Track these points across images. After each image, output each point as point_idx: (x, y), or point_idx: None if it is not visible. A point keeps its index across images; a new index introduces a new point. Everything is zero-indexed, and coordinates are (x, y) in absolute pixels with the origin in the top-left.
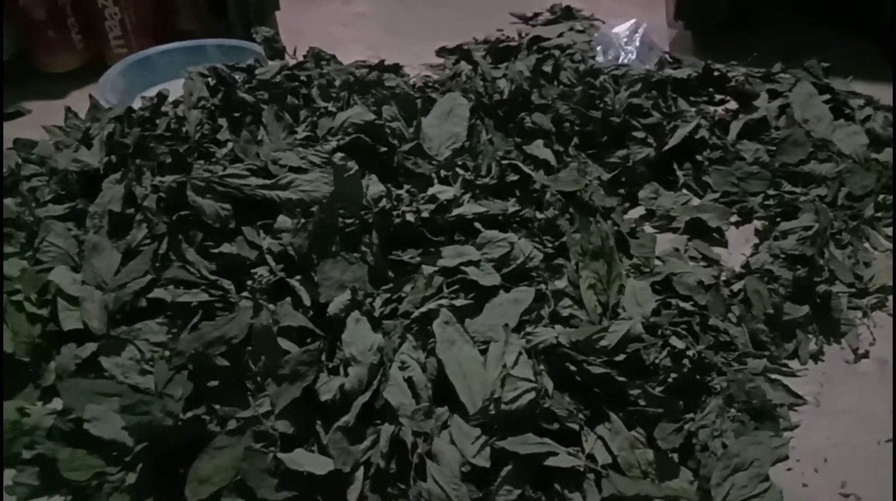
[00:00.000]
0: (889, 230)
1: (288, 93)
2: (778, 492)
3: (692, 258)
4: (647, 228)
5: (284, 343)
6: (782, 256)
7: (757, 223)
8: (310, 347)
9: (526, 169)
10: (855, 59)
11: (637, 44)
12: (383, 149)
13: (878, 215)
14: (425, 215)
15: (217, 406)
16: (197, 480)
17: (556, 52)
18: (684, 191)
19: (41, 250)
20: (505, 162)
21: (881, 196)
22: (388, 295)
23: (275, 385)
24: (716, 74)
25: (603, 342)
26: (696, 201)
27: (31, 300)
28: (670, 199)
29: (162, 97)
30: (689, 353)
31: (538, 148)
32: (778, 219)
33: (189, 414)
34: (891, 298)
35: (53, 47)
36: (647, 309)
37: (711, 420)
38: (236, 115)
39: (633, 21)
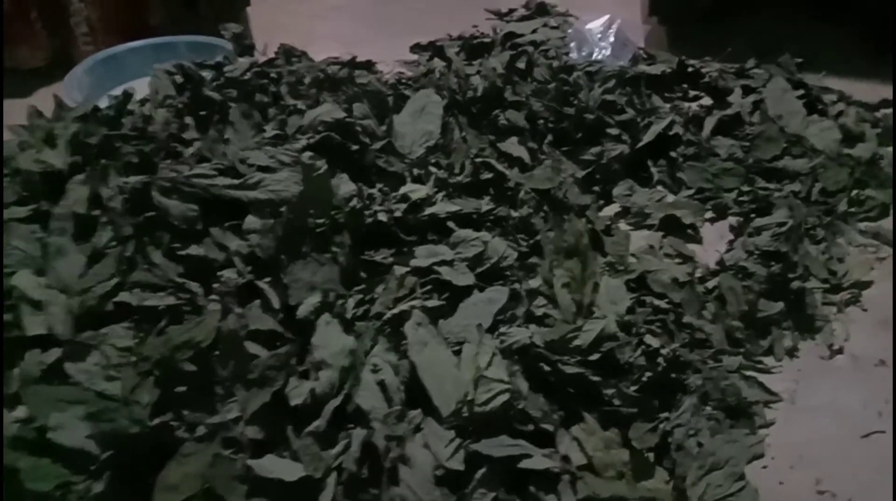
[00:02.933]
0: (862, 226)
1: (257, 90)
2: (754, 491)
3: (667, 256)
4: (622, 225)
5: (253, 347)
6: (757, 252)
7: (731, 220)
8: (279, 351)
9: (500, 167)
10: (831, 50)
11: (611, 40)
12: (354, 147)
13: (852, 210)
14: (398, 214)
15: (185, 412)
16: (165, 488)
17: (530, 49)
18: (659, 188)
19: (4, 253)
20: (478, 160)
21: (854, 191)
22: (359, 296)
23: (244, 390)
24: (690, 69)
25: (577, 342)
26: (670, 198)
27: None
28: (645, 196)
29: (127, 96)
30: (664, 351)
31: (512, 145)
32: (752, 215)
33: (156, 421)
34: (864, 293)
35: (17, 43)
36: (622, 307)
37: (687, 419)
38: (203, 113)
39: (607, 17)
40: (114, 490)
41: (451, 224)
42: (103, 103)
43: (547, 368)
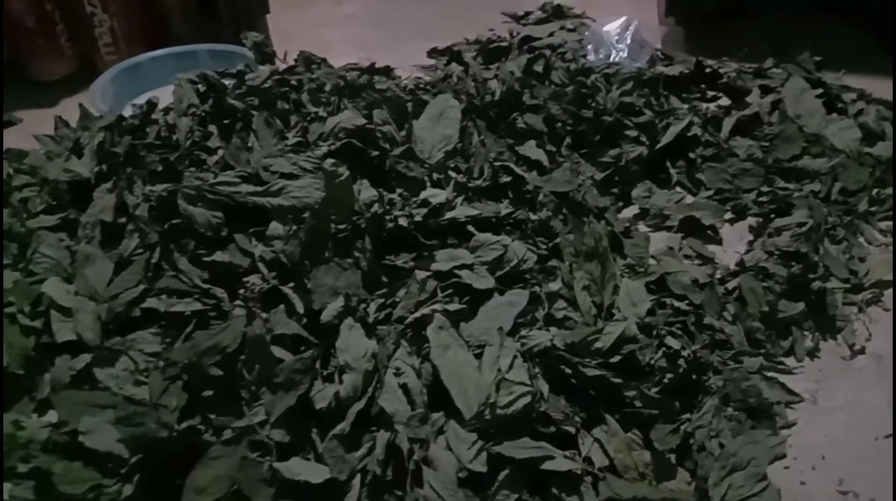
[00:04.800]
0: (883, 225)
1: (278, 98)
2: (776, 491)
3: (686, 257)
4: (641, 227)
5: (278, 351)
6: (777, 253)
7: (751, 220)
8: (304, 355)
9: (518, 170)
10: (849, 48)
11: (628, 41)
12: (375, 153)
13: (873, 209)
14: (418, 219)
15: (212, 416)
16: (193, 491)
17: (547, 52)
18: (678, 189)
19: (33, 261)
20: (497, 164)
21: (875, 190)
22: (381, 301)
23: (269, 394)
24: (707, 70)
25: (598, 344)
26: (689, 199)
27: (24, 313)
28: (664, 197)
29: (152, 105)
30: (685, 353)
31: (530, 149)
32: (772, 215)
33: (184, 425)
34: (886, 292)
35: (43, 55)
36: (642, 309)
37: (708, 420)
38: (226, 121)
39: (623, 18)
40: (143, 493)
41: (470, 228)
42: (127, 112)
43: (568, 370)
